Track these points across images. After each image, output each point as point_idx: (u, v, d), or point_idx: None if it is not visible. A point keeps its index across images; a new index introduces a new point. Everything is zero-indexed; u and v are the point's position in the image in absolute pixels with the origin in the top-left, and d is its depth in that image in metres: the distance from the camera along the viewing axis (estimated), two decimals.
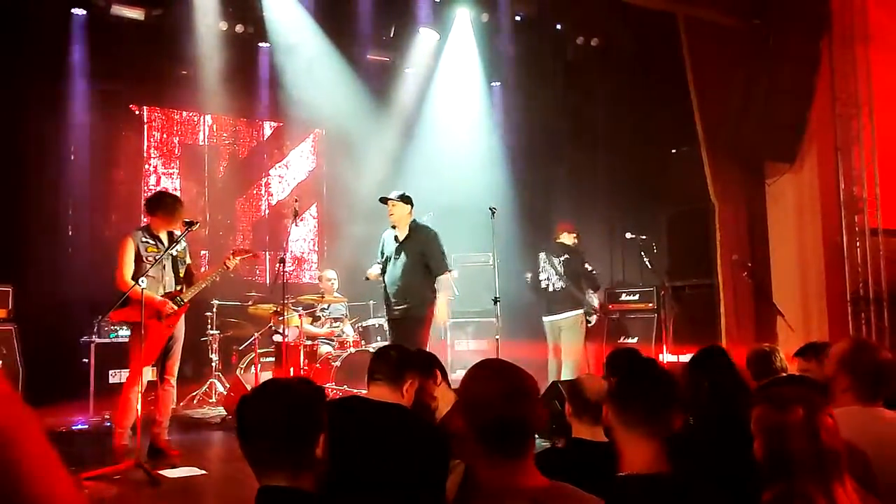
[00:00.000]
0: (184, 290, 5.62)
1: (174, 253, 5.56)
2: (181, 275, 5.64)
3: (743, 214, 8.32)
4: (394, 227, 6.42)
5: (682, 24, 7.99)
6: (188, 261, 5.82)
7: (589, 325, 7.48)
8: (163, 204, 5.57)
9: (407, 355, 3.06)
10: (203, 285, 5.72)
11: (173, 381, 5.62)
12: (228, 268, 5.79)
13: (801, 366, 3.77)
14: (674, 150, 9.03)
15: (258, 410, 1.84)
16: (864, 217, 8.22)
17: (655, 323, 8.14)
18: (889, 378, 2.67)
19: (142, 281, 4.97)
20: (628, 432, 2.07)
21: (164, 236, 5.56)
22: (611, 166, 9.23)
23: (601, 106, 9.25)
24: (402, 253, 6.30)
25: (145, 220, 5.76)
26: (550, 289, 7.50)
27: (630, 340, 8.17)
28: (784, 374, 3.71)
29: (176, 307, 5.51)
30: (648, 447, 2.03)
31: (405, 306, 6.23)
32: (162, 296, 5.44)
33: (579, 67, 9.33)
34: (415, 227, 6.36)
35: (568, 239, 7.66)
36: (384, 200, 6.38)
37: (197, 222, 5.58)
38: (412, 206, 6.41)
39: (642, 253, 8.07)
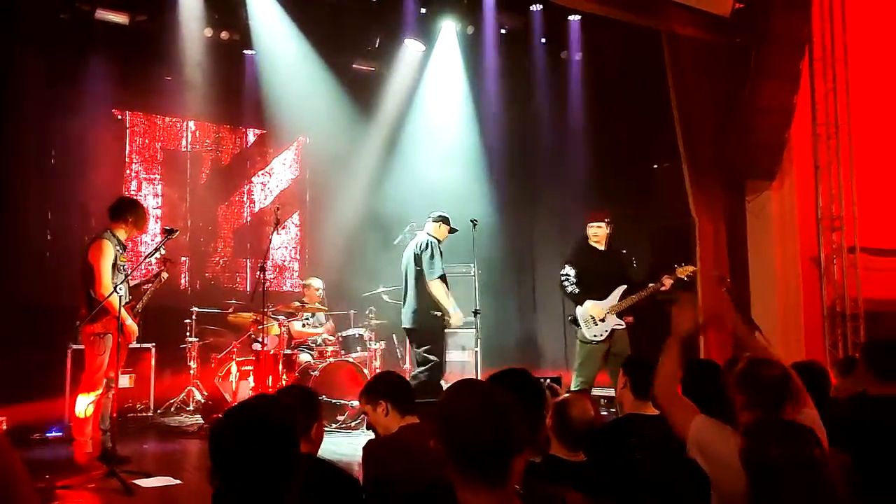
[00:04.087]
0: (140, 301, 5.53)
1: (153, 261, 5.51)
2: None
3: (723, 230, 8.37)
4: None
5: (666, 41, 8.06)
6: None
7: None
8: (133, 210, 5.48)
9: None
10: (148, 297, 5.61)
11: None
12: (162, 281, 5.66)
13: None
14: (655, 166, 9.10)
15: (229, 447, 1.80)
16: (842, 235, 8.33)
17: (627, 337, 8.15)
18: (784, 390, 2.73)
19: (119, 288, 4.92)
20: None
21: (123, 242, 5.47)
22: (593, 180, 9.26)
23: (584, 120, 9.31)
24: None
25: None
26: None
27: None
28: None
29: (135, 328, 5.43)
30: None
31: None
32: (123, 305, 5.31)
33: (563, 81, 9.39)
34: None
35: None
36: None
37: (177, 230, 5.54)
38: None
39: None
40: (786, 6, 7.90)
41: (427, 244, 6.57)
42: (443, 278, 6.54)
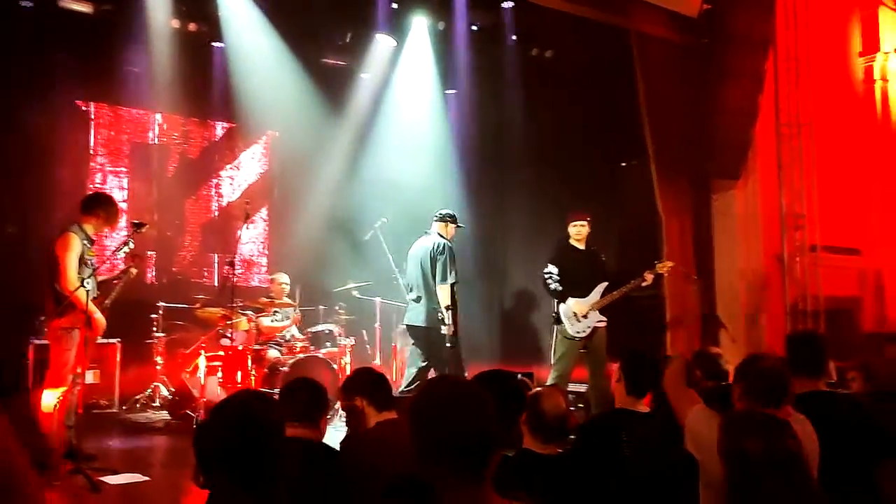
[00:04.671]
0: (108, 296, 5.48)
1: (121, 255, 5.43)
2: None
3: (689, 228, 8.51)
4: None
5: (634, 40, 8.16)
6: None
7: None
8: (106, 206, 5.42)
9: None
10: (117, 291, 5.54)
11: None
12: (132, 276, 5.61)
13: None
14: (623, 164, 9.20)
15: (215, 442, 1.81)
16: (805, 233, 8.52)
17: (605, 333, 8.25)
18: (778, 382, 2.80)
19: (87, 283, 4.86)
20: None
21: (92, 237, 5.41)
22: (562, 177, 9.33)
23: (554, 117, 9.36)
24: None
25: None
26: None
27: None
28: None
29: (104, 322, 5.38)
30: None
31: None
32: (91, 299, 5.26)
33: (533, 79, 9.44)
34: None
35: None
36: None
37: (146, 224, 5.48)
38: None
39: None
40: (750, 8, 8.06)
41: (443, 248, 6.61)
42: (453, 286, 6.61)
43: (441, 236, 6.73)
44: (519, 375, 3.67)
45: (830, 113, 8.90)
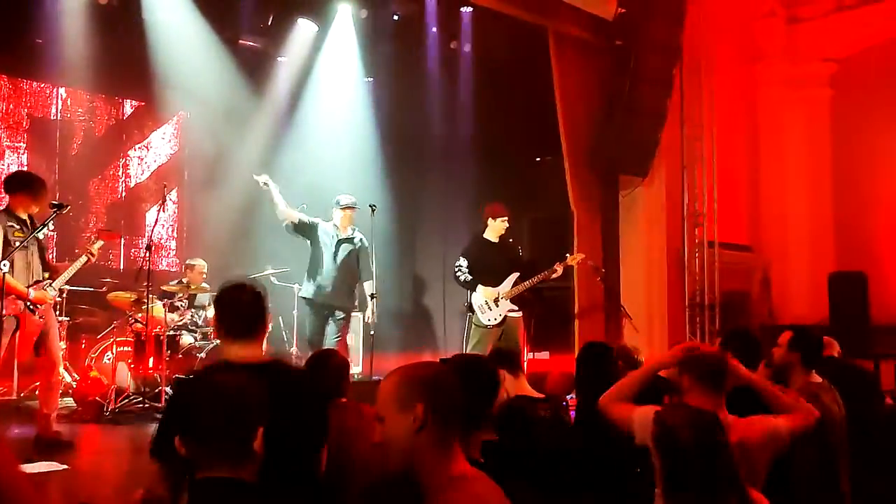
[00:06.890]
0: (53, 276, 5.31)
1: (41, 237, 5.22)
2: (46, 260, 5.33)
3: (598, 223, 8.86)
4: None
5: (552, 38, 8.41)
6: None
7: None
8: (28, 184, 5.23)
9: None
10: (72, 272, 5.40)
11: (61, 370, 5.41)
12: (94, 253, 5.48)
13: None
14: (538, 159, 9.47)
15: (208, 404, 1.85)
16: (704, 230, 9.06)
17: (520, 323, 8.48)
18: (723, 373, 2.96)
19: (4, 265, 4.65)
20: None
21: (25, 219, 5.21)
22: (478, 170, 9.50)
23: (471, 110, 9.52)
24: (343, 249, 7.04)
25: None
26: None
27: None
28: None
29: (51, 297, 5.23)
30: None
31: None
32: (30, 285, 5.10)
33: (451, 71, 9.57)
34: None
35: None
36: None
37: (67, 205, 5.29)
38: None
39: None
40: (661, 16, 8.42)
41: None
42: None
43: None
44: None
45: (729, 119, 9.48)
